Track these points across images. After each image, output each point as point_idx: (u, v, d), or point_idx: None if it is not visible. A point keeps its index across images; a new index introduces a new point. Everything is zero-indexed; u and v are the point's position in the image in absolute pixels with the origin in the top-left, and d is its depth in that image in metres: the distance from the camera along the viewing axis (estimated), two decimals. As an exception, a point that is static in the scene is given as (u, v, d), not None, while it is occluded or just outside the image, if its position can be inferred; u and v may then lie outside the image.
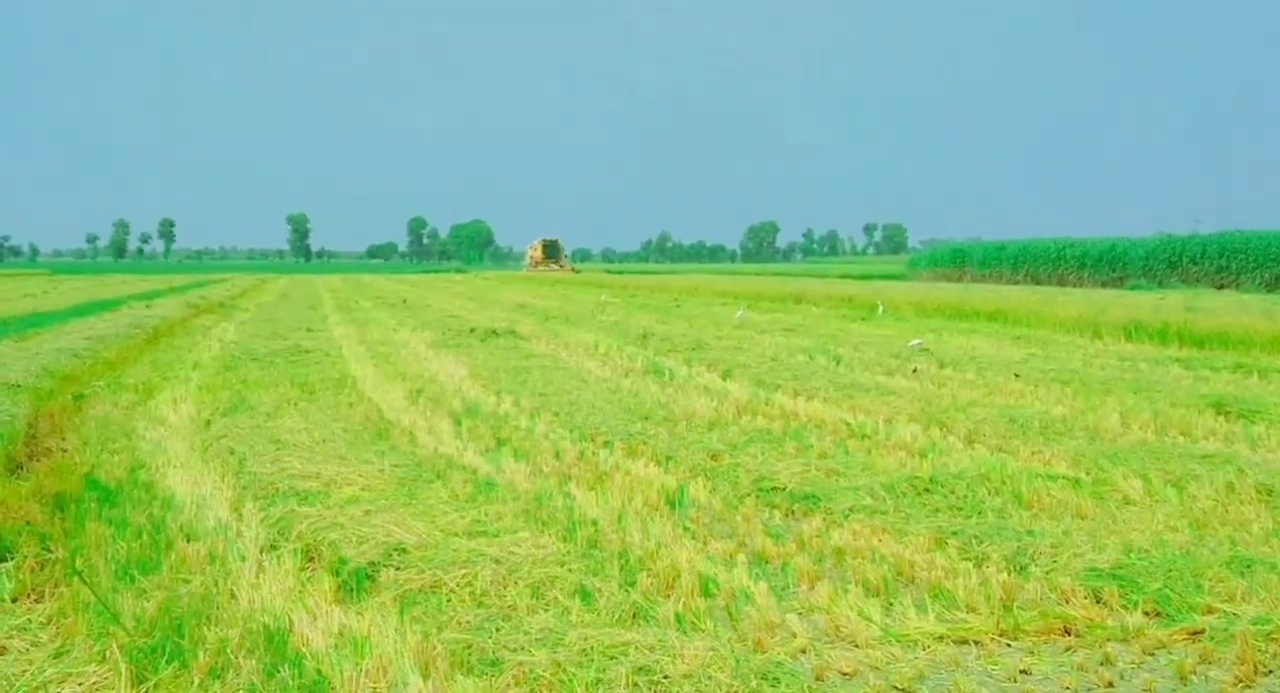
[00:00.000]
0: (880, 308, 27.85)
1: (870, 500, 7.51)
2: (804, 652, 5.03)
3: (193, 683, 4.48)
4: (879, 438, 9.94)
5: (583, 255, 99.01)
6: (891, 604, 5.62)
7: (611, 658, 4.64)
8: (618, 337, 21.14)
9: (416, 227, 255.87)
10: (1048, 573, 5.94)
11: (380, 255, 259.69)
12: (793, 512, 7.58)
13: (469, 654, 4.78)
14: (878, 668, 4.89)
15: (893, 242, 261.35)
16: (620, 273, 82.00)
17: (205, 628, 5.04)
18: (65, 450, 9.69)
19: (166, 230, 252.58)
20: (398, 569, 5.93)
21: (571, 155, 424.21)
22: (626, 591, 5.62)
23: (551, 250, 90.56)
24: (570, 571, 5.85)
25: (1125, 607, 5.49)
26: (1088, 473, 8.21)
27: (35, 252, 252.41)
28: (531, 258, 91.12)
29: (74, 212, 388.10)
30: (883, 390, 12.78)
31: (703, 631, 5.18)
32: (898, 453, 9.16)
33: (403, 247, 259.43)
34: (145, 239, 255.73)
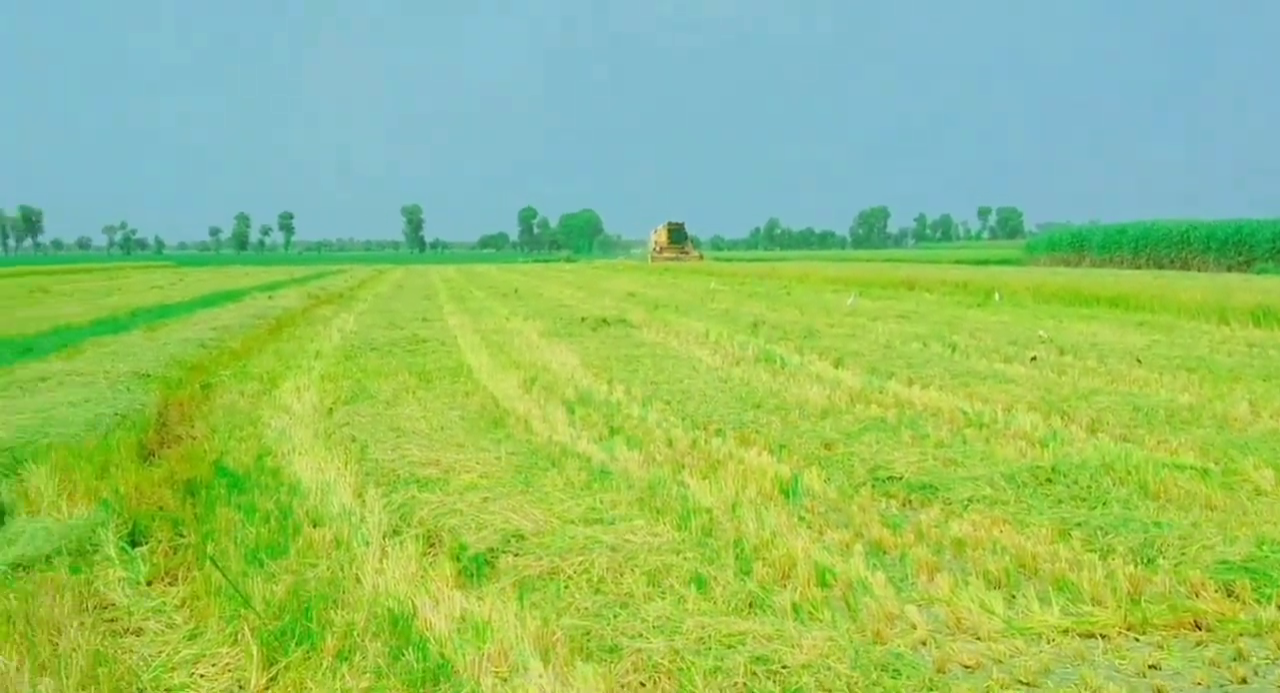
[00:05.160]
0: (997, 295, 27.31)
1: (990, 491, 7.38)
2: (924, 644, 4.98)
3: (322, 665, 4.58)
4: (998, 427, 9.76)
5: (692, 244, 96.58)
6: (1014, 597, 5.52)
7: (729, 647, 4.64)
8: (728, 325, 21.09)
9: (527, 217, 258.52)
10: (1176, 566, 5.78)
11: (492, 245, 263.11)
12: (910, 502, 7.48)
13: (588, 641, 4.82)
14: (1001, 661, 4.81)
15: (1008, 226, 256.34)
16: (729, 260, 79.61)
17: (332, 611, 5.16)
18: (194, 438, 9.99)
19: (286, 223, 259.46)
20: (516, 556, 6.00)
21: (679, 144, 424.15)
22: (742, 580, 5.61)
23: (677, 235, 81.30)
24: (685, 559, 5.86)
25: (1258, 601, 5.32)
26: (1217, 463, 7.96)
27: (160, 244, 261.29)
28: (655, 243, 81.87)
29: (197, 205, 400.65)
30: (1001, 378, 12.55)
31: (820, 621, 5.15)
32: (1017, 442, 8.99)
33: (513, 236, 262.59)
34: (266, 231, 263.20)
